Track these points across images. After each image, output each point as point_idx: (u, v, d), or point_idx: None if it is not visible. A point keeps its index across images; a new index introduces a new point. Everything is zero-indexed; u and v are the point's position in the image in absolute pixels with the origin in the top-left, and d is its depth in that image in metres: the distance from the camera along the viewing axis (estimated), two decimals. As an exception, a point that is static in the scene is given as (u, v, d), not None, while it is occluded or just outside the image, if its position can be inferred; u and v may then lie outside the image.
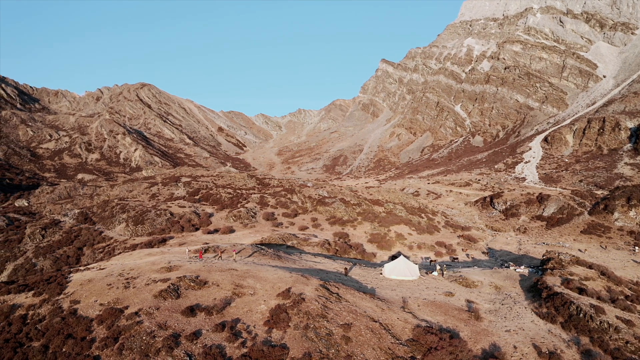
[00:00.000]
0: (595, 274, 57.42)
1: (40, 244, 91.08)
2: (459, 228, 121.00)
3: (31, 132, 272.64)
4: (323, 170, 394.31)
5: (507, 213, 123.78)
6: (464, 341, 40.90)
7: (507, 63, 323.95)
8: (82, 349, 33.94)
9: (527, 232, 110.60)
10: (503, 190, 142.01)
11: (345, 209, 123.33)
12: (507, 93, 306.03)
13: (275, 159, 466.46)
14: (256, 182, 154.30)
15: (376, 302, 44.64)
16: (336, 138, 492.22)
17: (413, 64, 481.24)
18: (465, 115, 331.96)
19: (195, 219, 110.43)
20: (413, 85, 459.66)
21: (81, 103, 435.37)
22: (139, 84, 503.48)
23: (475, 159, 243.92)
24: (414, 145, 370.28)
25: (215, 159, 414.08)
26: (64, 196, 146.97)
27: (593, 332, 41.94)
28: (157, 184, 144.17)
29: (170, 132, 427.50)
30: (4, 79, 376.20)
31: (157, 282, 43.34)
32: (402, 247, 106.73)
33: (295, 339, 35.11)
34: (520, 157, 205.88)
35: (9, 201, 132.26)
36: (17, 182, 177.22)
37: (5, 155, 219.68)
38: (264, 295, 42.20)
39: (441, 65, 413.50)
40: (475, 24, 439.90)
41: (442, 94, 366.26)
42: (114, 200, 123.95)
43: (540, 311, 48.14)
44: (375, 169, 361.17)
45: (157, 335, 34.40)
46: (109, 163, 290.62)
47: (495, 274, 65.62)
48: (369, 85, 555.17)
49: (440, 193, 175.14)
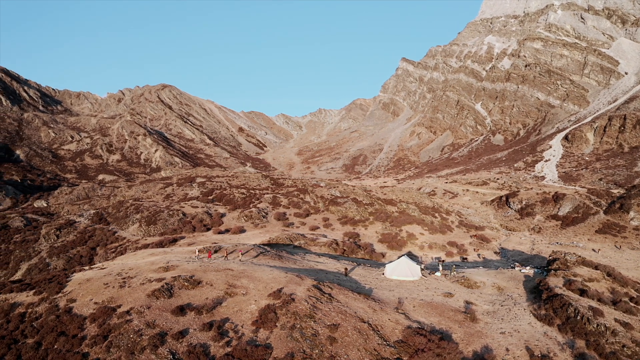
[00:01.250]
0: (600, 275, 56.13)
1: (54, 244, 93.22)
2: (472, 228, 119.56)
3: (53, 133, 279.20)
4: (342, 170, 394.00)
5: (522, 212, 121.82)
6: (455, 343, 40.49)
7: (527, 60, 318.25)
8: (73, 346, 34.78)
9: (541, 231, 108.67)
10: (519, 190, 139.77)
11: (357, 209, 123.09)
12: (528, 91, 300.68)
13: (295, 158, 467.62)
14: (270, 182, 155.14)
15: (369, 303, 44.52)
16: (356, 137, 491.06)
17: (433, 62, 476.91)
18: (485, 113, 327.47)
19: (207, 219, 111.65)
20: (433, 84, 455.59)
21: (103, 105, 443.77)
22: (160, 85, 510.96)
23: (495, 157, 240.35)
24: (434, 144, 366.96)
25: (235, 159, 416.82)
26: (82, 197, 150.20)
27: (589, 335, 41.04)
28: (172, 184, 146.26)
29: (191, 132, 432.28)
30: (27, 82, 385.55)
31: (152, 281, 44.07)
32: (413, 247, 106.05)
33: (281, 339, 35.30)
34: (540, 156, 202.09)
35: (29, 202, 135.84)
36: (38, 183, 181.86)
37: (27, 157, 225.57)
38: (256, 295, 42.52)
39: (461, 63, 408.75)
40: (496, 22, 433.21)
41: (462, 92, 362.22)
42: (129, 200, 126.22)
43: (539, 313, 47.32)
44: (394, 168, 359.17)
45: (145, 333, 35.01)
46: (129, 164, 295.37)
47: (499, 275, 64.70)
48: (390, 84, 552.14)
49: (457, 192, 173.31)
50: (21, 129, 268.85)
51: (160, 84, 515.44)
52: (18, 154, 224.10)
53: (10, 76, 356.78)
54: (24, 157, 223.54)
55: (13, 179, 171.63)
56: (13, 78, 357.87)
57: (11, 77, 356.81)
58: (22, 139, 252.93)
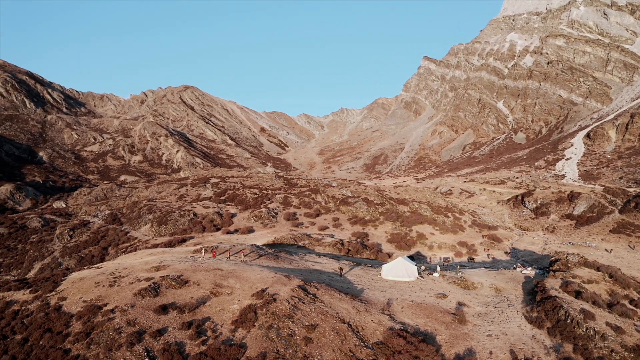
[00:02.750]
0: (601, 277, 54.78)
1: (67, 244, 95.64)
2: (485, 227, 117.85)
3: (76, 135, 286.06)
4: (363, 170, 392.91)
5: (537, 212, 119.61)
6: (438, 345, 40.13)
7: (550, 58, 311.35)
8: (56, 343, 35.84)
9: (555, 231, 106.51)
10: (535, 189, 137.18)
11: (367, 209, 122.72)
12: (550, 88, 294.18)
13: (316, 158, 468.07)
14: (283, 183, 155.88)
15: (354, 304, 44.44)
16: (378, 137, 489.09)
17: (455, 60, 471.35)
18: (507, 111, 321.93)
19: (218, 219, 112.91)
20: (455, 82, 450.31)
21: (126, 106, 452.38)
22: (183, 86, 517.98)
23: (516, 156, 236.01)
24: (456, 143, 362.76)
25: (257, 159, 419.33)
26: (100, 197, 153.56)
27: (578, 339, 40.11)
28: (187, 185, 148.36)
29: (213, 133, 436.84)
30: (51, 84, 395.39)
31: (141, 281, 44.96)
32: (422, 247, 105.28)
33: (256, 339, 35.63)
34: (561, 154, 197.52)
35: (48, 203, 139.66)
36: (60, 184, 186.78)
37: (50, 158, 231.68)
38: (240, 295, 42.96)
39: (483, 61, 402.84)
40: (518, 19, 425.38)
41: (484, 90, 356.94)
42: (143, 201, 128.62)
43: (531, 315, 46.49)
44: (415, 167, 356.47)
45: (124, 331, 35.82)
46: (151, 165, 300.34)
47: (499, 276, 63.71)
48: (412, 83, 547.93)
49: (474, 191, 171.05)
50: (44, 131, 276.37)
51: (182, 85, 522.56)
52: (41, 155, 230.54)
53: (34, 79, 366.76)
54: (47, 159, 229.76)
55: (35, 180, 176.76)
56: (37, 81, 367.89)
57: (35, 79, 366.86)
58: (45, 140, 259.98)
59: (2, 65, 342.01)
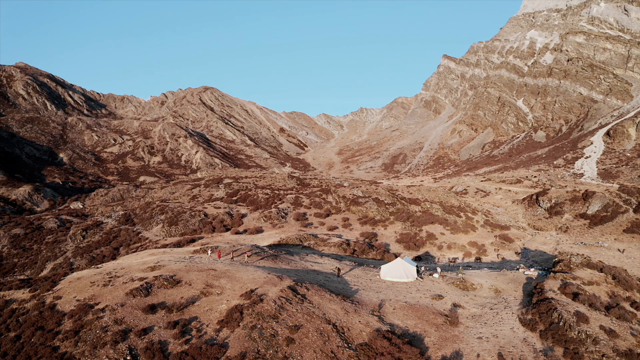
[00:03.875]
0: (603, 278, 53.56)
1: (80, 244, 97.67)
2: (497, 227, 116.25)
3: (96, 137, 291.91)
4: (382, 169, 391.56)
5: (551, 211, 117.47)
6: (426, 347, 39.84)
7: (570, 55, 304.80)
8: (46, 340, 36.83)
9: (568, 231, 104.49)
10: (550, 188, 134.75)
11: (377, 209, 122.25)
12: (570, 86, 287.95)
13: (335, 158, 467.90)
14: (296, 183, 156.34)
15: (344, 305, 44.42)
16: (397, 136, 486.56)
17: (475, 58, 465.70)
18: (527, 110, 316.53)
19: (228, 220, 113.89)
20: (475, 81, 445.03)
21: (146, 108, 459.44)
22: (202, 87, 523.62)
23: (536, 155, 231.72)
24: (475, 142, 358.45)
25: (276, 159, 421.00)
26: (117, 198, 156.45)
27: (569, 343, 39.33)
28: (200, 185, 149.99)
29: (232, 134, 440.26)
30: (72, 86, 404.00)
31: (135, 280, 45.76)
32: (431, 247, 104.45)
33: (239, 339, 35.95)
34: (580, 152, 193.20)
35: (66, 204, 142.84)
36: (80, 185, 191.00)
37: (70, 160, 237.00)
38: (229, 295, 43.37)
39: (503, 59, 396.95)
40: (538, 16, 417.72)
41: (503, 88, 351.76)
42: (156, 202, 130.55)
43: (525, 317, 45.75)
44: (434, 167, 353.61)
45: (110, 330, 36.57)
46: (170, 165, 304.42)
47: (500, 277, 62.83)
48: (431, 82, 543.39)
49: (489, 191, 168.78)
50: (65, 132, 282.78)
51: (202, 86, 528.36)
52: (61, 157, 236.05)
53: (56, 81, 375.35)
54: (67, 160, 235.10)
55: (55, 182, 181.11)
56: (58, 83, 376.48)
57: (56, 82, 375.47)
58: (65, 142, 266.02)
59: (24, 68, 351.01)
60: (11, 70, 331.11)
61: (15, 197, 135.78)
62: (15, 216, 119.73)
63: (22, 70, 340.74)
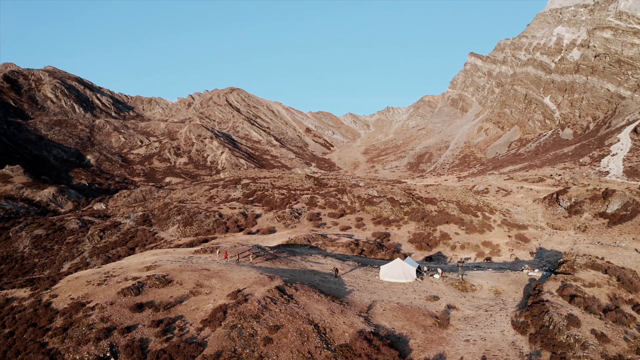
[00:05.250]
0: (605, 280, 52.01)
1: (97, 244, 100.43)
2: (515, 227, 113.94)
3: (123, 138, 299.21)
4: (407, 168, 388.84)
5: (571, 210, 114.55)
6: (409, 349, 39.52)
7: (597, 51, 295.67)
8: (37, 336, 38.25)
9: (587, 230, 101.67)
10: (570, 186, 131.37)
11: (391, 209, 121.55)
12: (598, 82, 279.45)
13: (361, 157, 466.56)
14: (313, 183, 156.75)
15: (331, 305, 44.47)
16: (423, 135, 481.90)
17: (502, 56, 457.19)
18: (554, 107, 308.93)
19: (242, 220, 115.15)
20: (502, 78, 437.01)
21: (173, 109, 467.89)
22: (229, 88, 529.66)
23: (562, 152, 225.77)
24: (502, 140, 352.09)
25: (301, 159, 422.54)
26: (139, 199, 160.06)
27: (557, 347, 38.32)
28: (218, 186, 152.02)
29: (258, 134, 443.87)
30: (100, 89, 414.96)
31: (128, 280, 46.94)
32: (444, 247, 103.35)
33: (218, 338, 36.48)
34: (607, 150, 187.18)
35: (90, 205, 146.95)
36: (106, 186, 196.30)
37: (97, 162, 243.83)
38: (217, 295, 44.02)
39: (530, 56, 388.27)
40: (565, 12, 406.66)
41: (530, 85, 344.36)
42: (174, 202, 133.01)
43: (517, 320, 44.81)
44: (459, 165, 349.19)
45: (95, 327, 37.70)
46: (196, 166, 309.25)
47: (503, 278, 61.62)
48: (458, 80, 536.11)
49: (511, 190, 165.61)
50: (92, 134, 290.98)
51: (228, 87, 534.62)
52: (89, 159, 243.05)
53: (84, 84, 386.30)
54: (94, 162, 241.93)
55: (81, 183, 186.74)
56: (86, 86, 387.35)
57: (84, 85, 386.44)
58: (93, 144, 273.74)
59: (52, 72, 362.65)
60: (40, 74, 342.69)
61: (39, 198, 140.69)
62: (38, 217, 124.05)
63: (50, 73, 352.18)
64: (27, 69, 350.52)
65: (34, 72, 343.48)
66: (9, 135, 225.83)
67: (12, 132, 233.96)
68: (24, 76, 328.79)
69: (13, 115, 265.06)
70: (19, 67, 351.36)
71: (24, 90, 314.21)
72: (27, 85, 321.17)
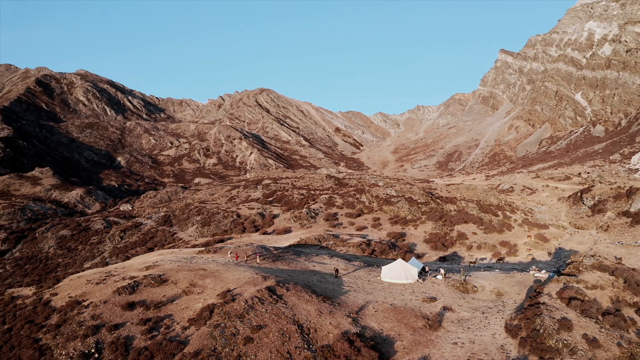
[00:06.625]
0: (609, 282, 50.24)
1: (117, 244, 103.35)
2: (535, 226, 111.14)
3: (153, 140, 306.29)
4: (436, 167, 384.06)
5: (594, 209, 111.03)
6: (394, 351, 39.25)
7: (629, 45, 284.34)
8: (32, 333, 40.00)
9: (609, 229, 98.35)
10: (595, 184, 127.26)
11: (409, 208, 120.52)
12: (629, 77, 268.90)
13: (390, 157, 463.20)
14: (334, 183, 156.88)
15: (321, 306, 44.59)
16: (453, 133, 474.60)
17: (533, 52, 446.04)
18: (585, 103, 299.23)
19: (259, 220, 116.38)
20: (533, 75, 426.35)
21: (204, 111, 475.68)
22: (258, 89, 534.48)
23: (592, 150, 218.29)
24: (532, 138, 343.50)
25: (330, 159, 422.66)
26: (165, 200, 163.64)
27: (545, 352, 37.31)
28: (239, 187, 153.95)
29: (287, 134, 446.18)
30: (131, 92, 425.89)
31: (126, 279, 48.35)
32: (460, 247, 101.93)
33: (200, 337, 37.21)
34: (638, 147, 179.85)
35: (117, 206, 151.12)
36: (135, 187, 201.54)
37: (128, 163, 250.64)
38: (208, 295, 44.84)
39: (561, 52, 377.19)
40: (597, 6, 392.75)
41: (561, 82, 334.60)
42: (195, 203, 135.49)
43: (511, 323, 43.82)
44: (489, 164, 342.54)
45: (85, 324, 39.10)
46: (225, 167, 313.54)
47: (507, 279, 60.27)
48: (489, 77, 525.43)
49: (536, 188, 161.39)
50: (123, 136, 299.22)
51: (258, 88, 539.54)
52: (119, 160, 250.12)
53: (115, 87, 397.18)
54: (125, 164, 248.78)
55: (111, 184, 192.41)
56: (118, 89, 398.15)
57: (116, 88, 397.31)
58: (123, 146, 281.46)
59: (84, 76, 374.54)
60: (72, 77, 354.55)
61: (67, 200, 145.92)
62: (65, 218, 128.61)
63: (82, 77, 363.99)
64: (59, 72, 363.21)
65: (66, 76, 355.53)
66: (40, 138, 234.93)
67: (44, 135, 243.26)
68: (56, 80, 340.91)
69: (45, 118, 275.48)
70: (51, 71, 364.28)
71: (56, 93, 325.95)
72: (60, 89, 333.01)
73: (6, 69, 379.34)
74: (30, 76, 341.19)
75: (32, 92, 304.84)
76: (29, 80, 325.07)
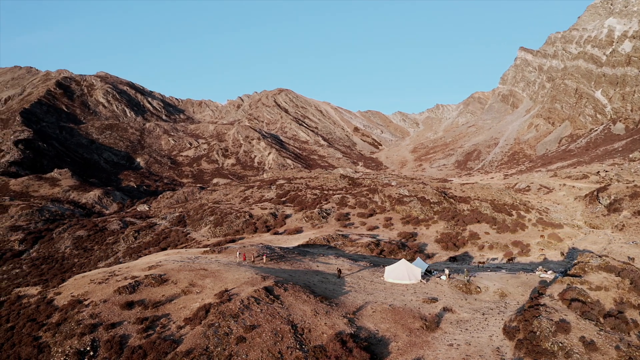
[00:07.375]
0: (614, 283, 49.18)
1: (131, 244, 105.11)
2: (550, 226, 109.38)
3: (172, 141, 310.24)
4: (454, 166, 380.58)
5: (610, 208, 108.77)
6: (388, 352, 39.10)
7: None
8: (32, 331, 41.03)
9: (624, 229, 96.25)
10: (611, 183, 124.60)
11: (421, 208, 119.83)
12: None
13: (409, 156, 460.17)
14: (347, 183, 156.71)
15: (317, 306, 44.69)
16: (473, 132, 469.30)
17: (552, 49, 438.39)
18: (605, 101, 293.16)
19: (271, 220, 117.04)
20: (553, 72, 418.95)
21: (223, 111, 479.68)
22: (277, 89, 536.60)
23: (612, 148, 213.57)
24: (552, 136, 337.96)
25: (348, 159, 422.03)
26: (181, 200, 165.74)
27: (540, 355, 36.70)
28: (254, 187, 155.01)
29: (305, 134, 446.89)
30: (151, 93, 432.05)
31: (127, 279, 49.23)
32: (472, 247, 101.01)
33: (194, 336, 37.69)
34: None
35: (134, 206, 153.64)
36: (154, 188, 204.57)
37: (147, 164, 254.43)
38: (207, 294, 45.37)
39: (581, 49, 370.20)
40: (616, 3, 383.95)
41: (581, 79, 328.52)
42: (209, 203, 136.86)
43: (510, 325, 43.23)
44: (508, 163, 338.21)
45: (83, 323, 39.96)
46: (243, 167, 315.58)
47: (512, 280, 59.44)
48: (508, 75, 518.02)
49: (553, 187, 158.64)
50: (143, 138, 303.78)
51: (277, 88, 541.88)
52: (138, 161, 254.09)
53: (135, 89, 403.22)
54: (144, 164, 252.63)
55: (130, 185, 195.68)
56: (137, 90, 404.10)
57: (136, 89, 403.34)
58: (143, 147, 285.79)
59: (104, 77, 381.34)
60: (92, 79, 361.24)
61: (85, 200, 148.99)
62: (82, 219, 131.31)
63: (102, 79, 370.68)
64: (79, 75, 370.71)
65: (86, 78, 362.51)
66: (60, 140, 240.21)
67: (64, 137, 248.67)
68: (77, 82, 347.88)
69: (65, 120, 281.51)
70: (71, 74, 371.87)
71: (76, 95, 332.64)
72: (80, 91, 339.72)
73: (27, 72, 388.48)
74: (50, 78, 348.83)
75: (52, 94, 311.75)
76: (49, 83, 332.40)
